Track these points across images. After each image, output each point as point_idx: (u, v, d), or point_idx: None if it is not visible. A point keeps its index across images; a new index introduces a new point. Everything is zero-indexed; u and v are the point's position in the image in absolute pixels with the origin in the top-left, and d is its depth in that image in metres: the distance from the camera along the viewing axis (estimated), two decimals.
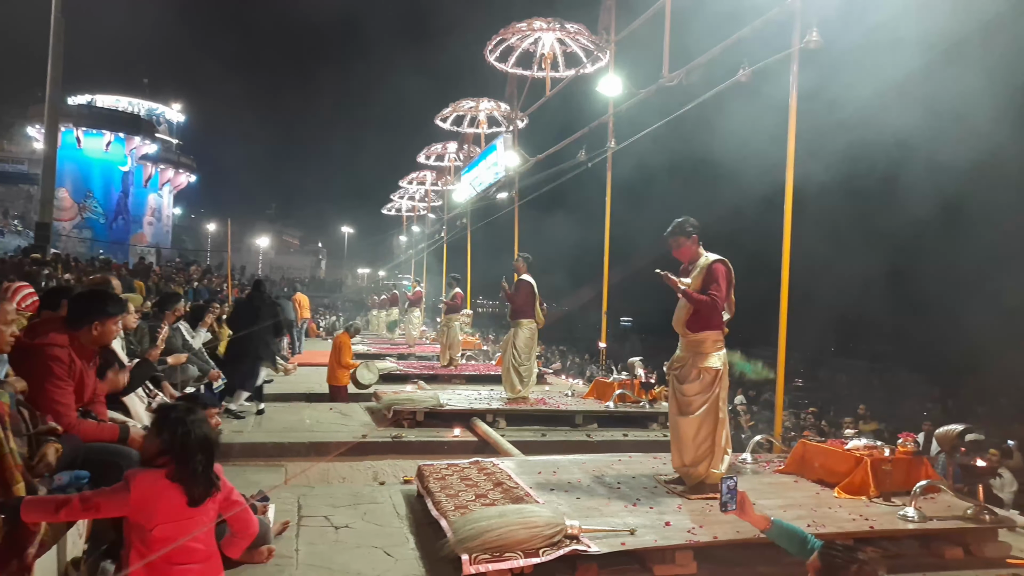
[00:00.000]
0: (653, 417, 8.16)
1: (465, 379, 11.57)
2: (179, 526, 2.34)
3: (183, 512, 2.35)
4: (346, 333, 10.03)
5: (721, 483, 2.92)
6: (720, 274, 4.68)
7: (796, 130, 6.60)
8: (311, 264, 67.03)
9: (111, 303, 3.39)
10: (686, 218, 4.84)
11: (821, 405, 14.34)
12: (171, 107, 52.00)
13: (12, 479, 2.58)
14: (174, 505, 2.35)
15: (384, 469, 6.33)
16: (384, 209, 31.03)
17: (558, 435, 7.57)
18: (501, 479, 4.85)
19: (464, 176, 18.67)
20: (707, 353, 4.72)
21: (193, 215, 63.62)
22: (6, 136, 45.36)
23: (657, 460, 5.72)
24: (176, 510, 2.34)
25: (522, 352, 8.49)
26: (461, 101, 17.24)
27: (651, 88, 9.27)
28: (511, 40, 12.39)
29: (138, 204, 46.84)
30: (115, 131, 44.01)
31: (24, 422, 2.86)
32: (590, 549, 3.60)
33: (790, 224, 6.60)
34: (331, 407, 8.71)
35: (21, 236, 33.56)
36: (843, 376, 22.68)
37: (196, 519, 2.37)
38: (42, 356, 3.16)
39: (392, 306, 22.22)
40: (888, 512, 4.43)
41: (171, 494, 2.35)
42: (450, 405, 7.95)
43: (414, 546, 4.13)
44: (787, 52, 6.70)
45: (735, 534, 3.89)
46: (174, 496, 2.35)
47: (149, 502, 2.33)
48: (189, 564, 2.35)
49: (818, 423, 10.55)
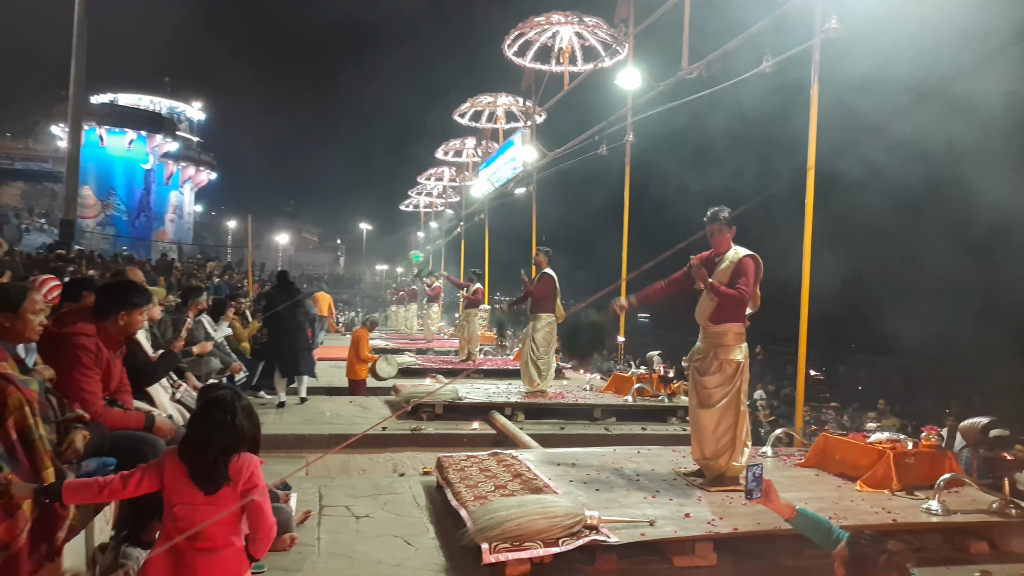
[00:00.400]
0: (672, 411, 8.14)
1: (483, 373, 11.59)
2: (197, 509, 2.35)
3: (195, 496, 2.36)
4: (364, 328, 10.09)
5: (746, 470, 2.89)
6: (749, 269, 4.65)
7: (817, 121, 6.53)
8: (330, 260, 67.49)
9: (137, 294, 3.45)
10: (721, 207, 4.79)
11: (842, 400, 14.20)
12: (192, 105, 52.59)
13: (42, 464, 2.63)
14: (190, 486, 2.37)
15: (403, 461, 6.37)
16: (402, 205, 31.18)
17: (576, 429, 7.58)
18: (520, 470, 4.86)
19: (482, 171, 18.69)
20: (729, 346, 4.69)
21: (214, 212, 64.30)
22: (31, 135, 46.12)
23: (676, 453, 5.71)
24: (192, 491, 2.36)
25: (541, 346, 8.49)
26: (479, 96, 17.25)
27: (670, 81, 9.21)
28: (529, 34, 12.38)
29: (160, 201, 47.45)
30: (137, 129, 44.61)
31: (52, 409, 2.91)
32: (610, 539, 3.60)
33: (811, 218, 6.53)
34: (351, 400, 8.78)
35: (46, 233, 34.13)
36: (864, 372, 22.46)
37: (211, 506, 2.37)
38: (70, 345, 3.21)
39: (411, 301, 22.31)
40: (911, 505, 4.38)
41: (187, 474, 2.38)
42: (469, 398, 7.98)
43: (434, 536, 4.15)
44: (808, 43, 6.63)
45: (755, 526, 3.88)
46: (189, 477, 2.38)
47: (175, 479, 2.36)
48: (211, 551, 2.37)
49: (839, 418, 10.45)
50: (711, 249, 4.86)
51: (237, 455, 2.42)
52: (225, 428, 2.39)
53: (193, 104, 52.74)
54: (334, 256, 69.86)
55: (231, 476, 2.38)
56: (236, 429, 2.40)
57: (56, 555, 2.69)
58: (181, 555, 2.34)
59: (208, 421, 2.43)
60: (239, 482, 2.41)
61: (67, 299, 3.90)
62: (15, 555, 2.42)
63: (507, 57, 13.03)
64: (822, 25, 6.43)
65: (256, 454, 2.52)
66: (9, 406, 2.57)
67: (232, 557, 2.43)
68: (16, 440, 2.58)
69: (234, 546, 2.43)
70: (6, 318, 2.78)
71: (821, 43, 6.51)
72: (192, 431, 2.44)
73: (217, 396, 2.50)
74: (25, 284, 3.28)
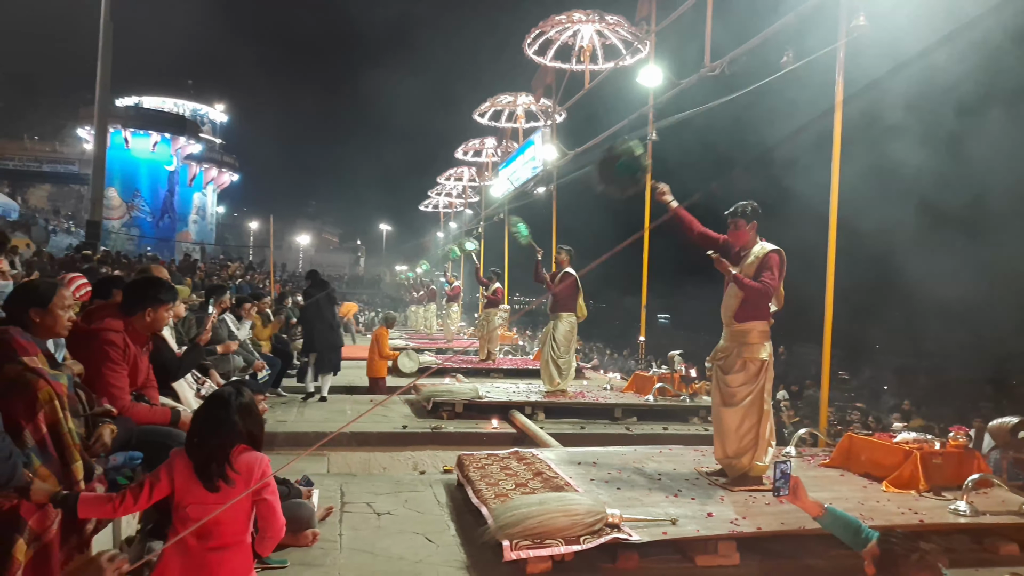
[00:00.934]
0: (694, 411, 8.09)
1: (503, 373, 11.59)
2: (209, 509, 2.35)
3: (207, 495, 2.37)
4: (383, 327, 10.13)
5: (774, 467, 2.86)
6: (774, 263, 4.61)
7: (843, 119, 6.45)
8: (350, 261, 67.84)
9: (164, 291, 3.50)
10: (749, 201, 4.75)
11: (866, 401, 14.02)
12: (215, 107, 53.25)
13: (71, 457, 2.67)
14: (200, 485, 2.38)
15: (424, 459, 6.39)
16: (422, 206, 31.27)
17: (597, 428, 7.55)
18: (541, 469, 4.85)
19: (502, 171, 18.70)
20: (753, 343, 4.65)
21: (236, 213, 65.03)
22: (58, 138, 47.01)
23: (698, 453, 5.67)
24: (203, 490, 2.37)
25: (561, 345, 8.47)
26: (499, 96, 17.26)
27: (692, 78, 9.15)
28: (550, 33, 12.37)
29: (183, 202, 48.09)
30: (161, 131, 45.28)
31: (81, 403, 2.95)
32: (631, 538, 3.58)
33: (835, 218, 6.46)
34: (371, 399, 8.82)
35: (72, 235, 34.72)
36: (889, 373, 22.13)
37: (224, 504, 2.39)
38: (98, 341, 3.26)
39: (430, 301, 22.39)
40: (938, 506, 4.32)
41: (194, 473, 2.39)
42: (489, 397, 7.99)
43: (455, 533, 4.16)
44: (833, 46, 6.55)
45: (779, 525, 3.84)
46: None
47: (185, 479, 2.38)
48: (222, 549, 2.38)
49: (864, 418, 10.32)
50: (737, 248, 4.82)
51: (240, 451, 2.42)
52: (220, 424, 2.40)
53: (216, 106, 53.40)
54: (354, 257, 70.21)
55: (238, 472, 2.38)
56: (231, 425, 2.39)
57: (85, 547, 2.74)
58: (192, 554, 2.35)
59: (204, 417, 2.45)
60: (250, 480, 2.41)
61: (96, 296, 3.97)
62: (47, 545, 2.46)
63: (528, 56, 13.02)
64: (848, 22, 6.35)
65: (259, 451, 2.52)
66: (40, 400, 2.62)
67: (242, 554, 2.44)
68: (46, 433, 2.62)
69: (244, 543, 2.45)
70: (36, 313, 2.83)
71: (847, 40, 6.42)
72: (191, 428, 2.47)
73: (216, 393, 2.53)
74: (54, 280, 3.34)
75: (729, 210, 4.80)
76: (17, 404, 2.57)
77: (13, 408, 2.57)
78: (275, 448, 6.18)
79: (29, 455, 2.52)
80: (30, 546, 2.43)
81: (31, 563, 2.44)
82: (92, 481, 2.75)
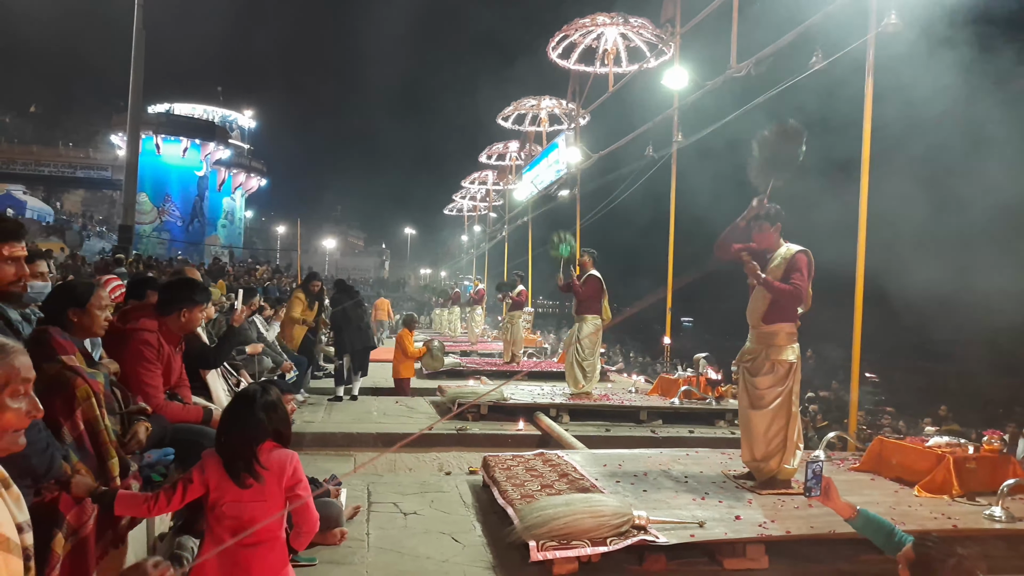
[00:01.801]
0: (720, 414, 8.01)
1: (527, 375, 11.59)
2: (244, 506, 2.40)
3: (241, 492, 2.41)
4: (405, 329, 10.19)
5: (806, 467, 2.82)
6: (803, 264, 4.56)
7: (872, 119, 6.36)
8: (375, 265, 68.35)
9: (199, 292, 3.57)
10: (773, 204, 4.73)
11: (896, 405, 13.77)
12: (243, 114, 54.08)
13: (107, 454, 2.73)
14: (232, 483, 2.42)
15: (449, 460, 6.41)
16: (446, 210, 31.43)
17: (622, 431, 7.52)
18: (566, 470, 4.85)
19: (525, 175, 18.73)
20: (781, 346, 4.60)
21: (263, 217, 65.93)
22: (91, 144, 48.04)
23: (725, 456, 5.62)
24: (237, 488, 2.41)
25: (586, 347, 8.45)
26: (523, 99, 17.30)
27: (718, 80, 9.08)
28: (573, 36, 12.37)
29: (213, 207, 48.88)
30: (191, 137, 46.08)
31: (117, 401, 3.02)
32: (658, 540, 3.57)
33: (865, 219, 6.37)
34: (397, 400, 8.88)
35: (104, 239, 35.46)
36: (919, 377, 21.71)
37: (258, 502, 2.42)
38: (133, 340, 3.34)
39: (455, 304, 22.47)
40: (972, 512, 4.23)
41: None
42: (513, 399, 7.99)
43: (481, 533, 4.17)
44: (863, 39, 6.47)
45: (809, 529, 3.80)
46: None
47: (219, 479, 2.41)
48: (258, 545, 2.42)
49: (895, 422, 10.14)
50: (760, 250, 4.79)
51: (269, 449, 2.46)
52: (245, 421, 2.43)
53: (244, 112, 54.23)
54: (379, 260, 70.76)
55: (267, 468, 2.41)
56: (256, 422, 2.42)
57: (120, 542, 2.79)
58: (229, 551, 2.38)
59: (230, 415, 2.49)
60: (283, 477, 2.45)
61: (131, 297, 4.05)
62: (83, 539, 2.52)
63: (551, 60, 13.04)
64: (878, 20, 6.27)
65: (286, 448, 2.56)
66: (78, 397, 2.68)
67: (276, 550, 2.47)
68: (84, 430, 2.69)
69: (279, 540, 2.48)
70: (74, 313, 2.90)
71: (877, 39, 6.34)
72: (219, 426, 2.51)
73: (241, 391, 2.57)
74: (92, 282, 3.42)
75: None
76: (55, 402, 2.63)
77: (52, 405, 2.63)
78: (303, 448, 6.25)
79: (67, 451, 2.59)
80: (68, 540, 2.49)
81: (68, 557, 2.49)
82: (127, 477, 2.81)
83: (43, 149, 46.75)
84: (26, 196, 39.07)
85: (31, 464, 2.12)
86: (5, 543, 1.32)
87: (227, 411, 2.54)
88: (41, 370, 2.74)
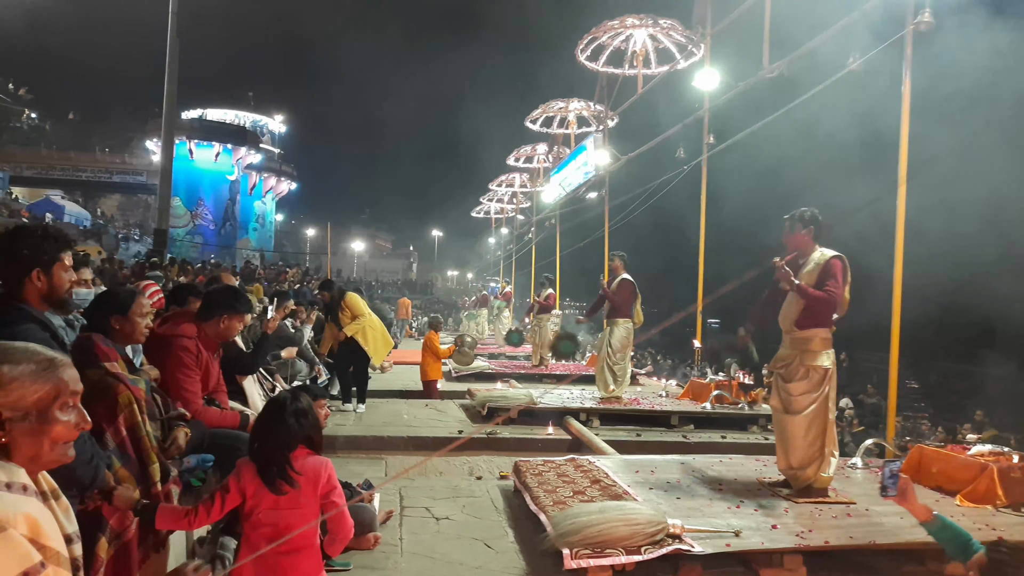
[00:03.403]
0: (753, 419, 7.91)
1: (556, 378, 11.57)
2: (281, 513, 2.42)
3: (277, 500, 2.43)
4: (432, 331, 10.22)
5: (884, 467, 2.77)
6: (837, 270, 4.49)
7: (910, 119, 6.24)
8: (403, 267, 68.79)
9: (240, 302, 3.63)
10: (810, 208, 4.69)
11: (934, 411, 13.48)
12: (274, 119, 54.89)
13: (149, 460, 2.77)
14: (267, 490, 2.44)
15: (480, 464, 6.42)
16: (473, 212, 31.49)
17: (653, 436, 7.45)
18: (598, 476, 4.82)
19: (553, 177, 18.68)
20: (816, 351, 4.52)
21: (293, 220, 66.73)
22: (127, 150, 49.10)
23: (759, 463, 5.54)
24: (271, 496, 2.43)
25: (617, 351, 8.39)
26: (551, 102, 17.27)
27: (750, 81, 8.98)
28: (602, 39, 12.31)
29: (244, 211, 49.64)
30: (223, 142, 46.84)
31: (157, 407, 3.07)
32: (694, 549, 3.52)
33: (903, 220, 6.24)
34: (427, 403, 8.90)
35: (139, 242, 36.18)
36: (958, 381, 21.23)
37: (294, 509, 2.43)
38: (172, 346, 3.39)
39: (482, 307, 22.51)
40: (1019, 522, 4.12)
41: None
42: (543, 403, 7.96)
43: (513, 539, 4.16)
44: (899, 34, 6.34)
45: (848, 539, 3.73)
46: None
47: (255, 486, 2.44)
48: (293, 553, 2.44)
49: (933, 429, 9.92)
50: (791, 252, 4.73)
51: (303, 455, 2.48)
52: (276, 428, 2.46)
53: (275, 117, 55.03)
54: (407, 263, 71.18)
55: (303, 475, 2.43)
56: (287, 428, 2.45)
57: (161, 546, 2.84)
58: (265, 558, 2.40)
59: (262, 422, 2.53)
60: (318, 484, 2.47)
61: (172, 303, 4.12)
62: (126, 544, 2.56)
63: (580, 62, 13.00)
64: (913, 18, 6.14)
65: (318, 454, 2.57)
66: (120, 403, 2.73)
67: (312, 557, 2.50)
68: (126, 436, 2.73)
69: (314, 546, 2.50)
70: (117, 320, 2.95)
71: (912, 37, 6.21)
72: (252, 433, 2.54)
73: (272, 398, 2.60)
74: (133, 288, 3.48)
75: (787, 214, 4.73)
76: (99, 408, 2.68)
77: (95, 412, 2.66)
78: (335, 451, 6.30)
79: (110, 457, 2.64)
80: (111, 544, 2.54)
81: (112, 561, 2.54)
82: (168, 483, 2.85)
83: (81, 155, 47.84)
84: (64, 201, 39.94)
85: (77, 475, 2.16)
86: (56, 557, 1.34)
87: (259, 419, 2.58)
88: (85, 376, 2.80)
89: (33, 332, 2.37)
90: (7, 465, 1.36)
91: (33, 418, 1.41)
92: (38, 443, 1.42)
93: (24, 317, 2.40)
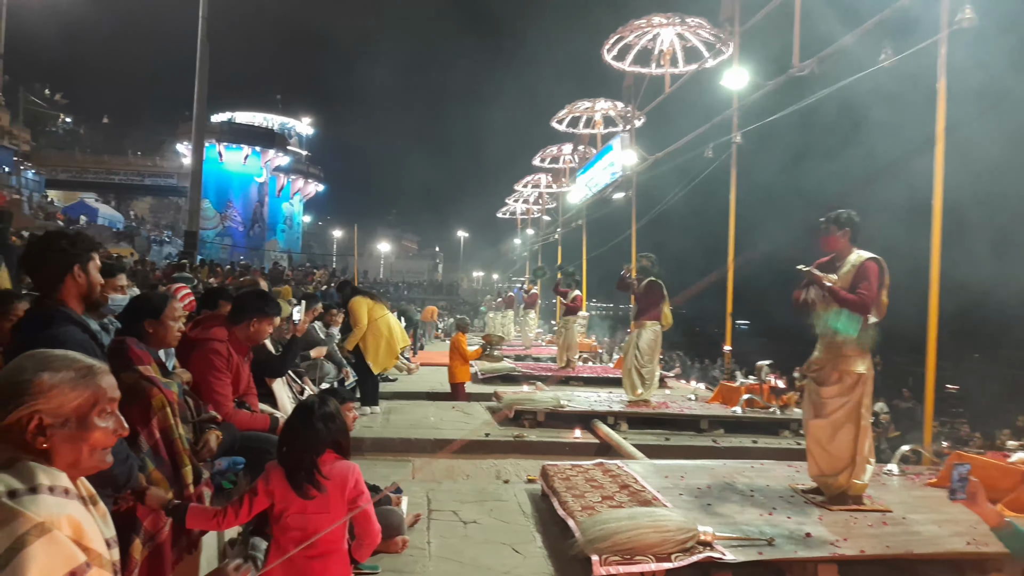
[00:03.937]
0: (785, 424, 7.78)
1: (582, 381, 11.51)
2: (309, 518, 2.42)
3: (306, 504, 2.43)
4: (459, 332, 10.23)
5: (953, 469, 2.71)
6: (872, 273, 4.38)
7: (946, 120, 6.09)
8: (428, 268, 69.08)
9: (269, 305, 3.66)
10: (846, 209, 4.59)
11: (971, 416, 13.16)
12: (301, 121, 55.50)
13: (181, 462, 2.80)
14: (296, 494, 2.45)
15: (506, 468, 6.40)
16: (499, 213, 31.51)
17: (682, 440, 7.37)
18: (627, 481, 4.77)
19: (579, 177, 18.63)
20: (850, 356, 4.43)
21: (320, 222, 67.44)
22: (158, 153, 50.01)
23: (792, 468, 5.44)
24: (299, 500, 2.44)
25: (645, 354, 8.31)
26: (577, 102, 17.22)
27: (779, 79, 8.85)
28: (629, 38, 12.23)
29: (272, 212, 50.27)
30: (252, 145, 47.52)
31: (190, 410, 3.10)
32: (725, 557, 3.47)
33: (939, 223, 6.10)
34: (453, 406, 8.91)
35: (170, 244, 36.80)
36: (995, 384, 20.74)
37: (322, 513, 2.43)
38: (204, 349, 3.43)
39: (508, 308, 22.51)
40: None
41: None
42: (570, 406, 7.92)
43: (541, 544, 4.14)
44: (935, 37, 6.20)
45: (884, 549, 3.64)
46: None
47: (284, 490, 2.44)
48: (322, 557, 2.44)
49: (972, 434, 9.68)
50: (827, 255, 4.65)
51: (331, 460, 2.48)
52: (304, 432, 2.47)
53: (303, 120, 55.63)
54: (433, 263, 71.49)
55: (331, 479, 2.43)
56: (315, 433, 2.46)
57: (194, 547, 2.87)
58: (294, 562, 2.41)
59: (289, 426, 2.54)
60: (345, 488, 2.47)
61: (204, 307, 4.17)
62: (160, 545, 2.59)
63: (606, 62, 12.93)
64: (952, 15, 6.00)
65: (346, 458, 2.58)
66: (153, 406, 2.76)
67: (340, 562, 2.50)
68: (159, 438, 2.76)
69: (341, 550, 2.50)
70: (150, 324, 2.99)
71: (950, 36, 6.06)
72: (280, 437, 2.55)
73: (301, 402, 2.60)
74: (166, 293, 3.53)
75: (823, 216, 4.64)
76: (133, 411, 2.71)
77: (129, 414, 2.67)
78: (363, 453, 6.33)
79: (144, 459, 2.67)
80: (145, 546, 2.57)
81: (146, 562, 2.57)
82: (200, 485, 2.88)
83: (113, 158, 48.82)
84: (98, 204, 40.77)
85: (112, 474, 2.18)
86: (98, 559, 1.36)
87: (287, 423, 2.59)
88: (119, 380, 2.84)
89: (74, 334, 2.40)
90: (49, 469, 1.38)
91: (73, 425, 1.43)
92: (77, 449, 1.44)
93: (65, 319, 2.43)
